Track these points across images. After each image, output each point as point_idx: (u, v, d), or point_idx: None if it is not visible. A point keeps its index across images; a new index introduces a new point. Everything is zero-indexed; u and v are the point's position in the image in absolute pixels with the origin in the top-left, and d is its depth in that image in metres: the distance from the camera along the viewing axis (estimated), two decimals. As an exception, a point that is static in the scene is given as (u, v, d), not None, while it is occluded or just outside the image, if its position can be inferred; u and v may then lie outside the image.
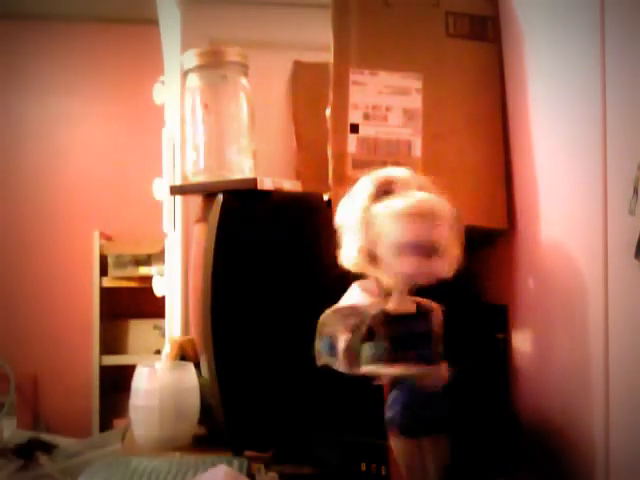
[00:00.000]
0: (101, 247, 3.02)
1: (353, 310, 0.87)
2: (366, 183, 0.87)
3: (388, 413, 0.85)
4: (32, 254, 3.19)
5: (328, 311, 0.88)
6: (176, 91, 1.44)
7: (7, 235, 3.18)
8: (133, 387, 1.12)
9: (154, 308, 2.13)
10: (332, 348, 0.87)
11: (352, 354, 0.86)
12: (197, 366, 1.14)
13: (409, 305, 0.87)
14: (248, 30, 1.44)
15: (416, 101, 1.13)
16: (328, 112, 1.13)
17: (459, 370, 0.85)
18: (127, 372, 1.23)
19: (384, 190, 0.86)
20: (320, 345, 0.88)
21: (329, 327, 0.87)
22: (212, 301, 1.02)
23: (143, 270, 2.90)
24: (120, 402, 2.65)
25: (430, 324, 0.87)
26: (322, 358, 0.88)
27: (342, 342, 0.86)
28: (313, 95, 1.29)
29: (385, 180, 0.87)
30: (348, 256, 0.86)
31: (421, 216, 0.83)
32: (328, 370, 0.86)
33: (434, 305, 0.88)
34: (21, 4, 3.07)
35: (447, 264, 0.84)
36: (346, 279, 1.01)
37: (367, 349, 0.85)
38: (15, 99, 3.24)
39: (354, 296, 0.90)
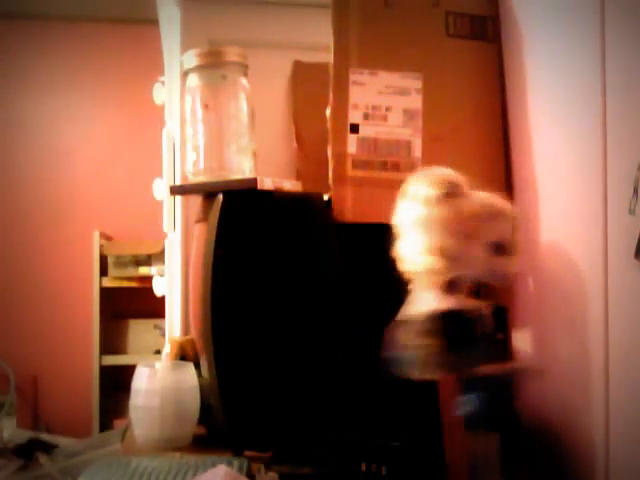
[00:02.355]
0: (101, 247, 3.02)
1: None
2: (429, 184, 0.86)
3: (461, 409, 0.84)
4: (32, 254, 3.18)
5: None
6: (176, 91, 1.43)
7: (7, 235, 3.17)
8: (133, 387, 1.11)
9: (154, 308, 2.12)
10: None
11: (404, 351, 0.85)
12: (197, 366, 1.14)
13: (459, 303, 0.85)
14: (248, 30, 1.44)
15: (416, 101, 1.13)
16: (328, 112, 1.13)
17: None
18: (127, 372, 1.23)
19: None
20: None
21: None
22: (212, 301, 1.02)
23: (143, 270, 2.90)
24: (120, 402, 2.65)
25: (478, 325, 0.85)
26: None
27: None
28: (313, 95, 1.29)
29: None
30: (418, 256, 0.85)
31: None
32: (328, 369, 0.85)
33: (482, 306, 0.86)
34: (21, 4, 3.07)
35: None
36: (345, 280, 1.01)
37: (419, 348, 0.84)
38: (15, 99, 3.24)
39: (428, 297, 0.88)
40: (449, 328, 0.83)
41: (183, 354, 1.22)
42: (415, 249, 0.83)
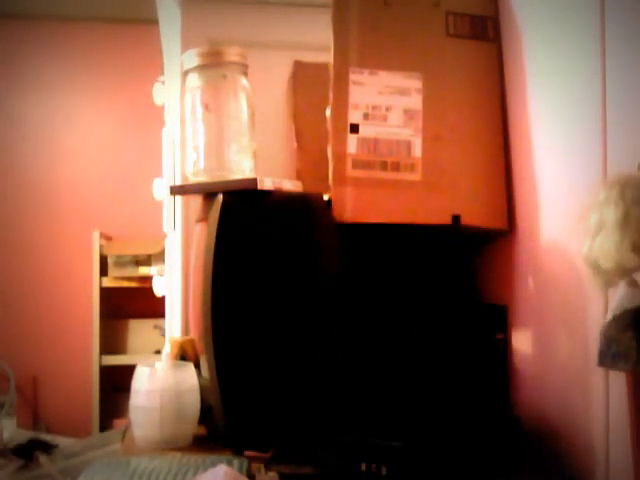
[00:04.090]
0: (101, 247, 3.02)
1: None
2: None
3: None
4: (32, 254, 3.18)
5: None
6: (176, 91, 1.43)
7: (7, 235, 3.18)
8: (133, 387, 1.11)
9: (154, 308, 2.12)
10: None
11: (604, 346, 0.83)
12: (197, 366, 1.14)
13: None
14: (248, 30, 1.44)
15: (416, 101, 1.13)
16: (328, 112, 1.13)
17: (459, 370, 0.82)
18: (127, 372, 1.23)
19: None
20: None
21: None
22: (212, 301, 1.01)
23: (143, 270, 2.90)
24: (120, 402, 2.65)
25: None
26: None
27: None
28: (313, 95, 1.29)
29: None
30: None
31: None
32: (328, 369, 0.85)
33: None
34: (21, 4, 3.07)
35: None
36: (345, 280, 1.00)
37: (619, 342, 0.82)
38: (15, 99, 3.24)
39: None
40: None
41: (183, 354, 1.22)
42: (611, 248, 0.81)
